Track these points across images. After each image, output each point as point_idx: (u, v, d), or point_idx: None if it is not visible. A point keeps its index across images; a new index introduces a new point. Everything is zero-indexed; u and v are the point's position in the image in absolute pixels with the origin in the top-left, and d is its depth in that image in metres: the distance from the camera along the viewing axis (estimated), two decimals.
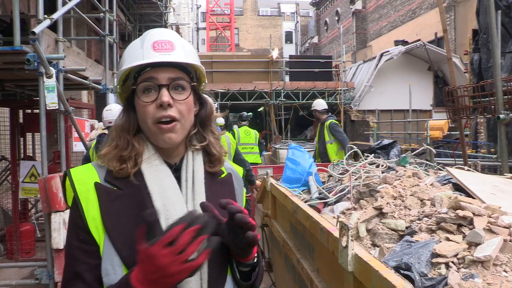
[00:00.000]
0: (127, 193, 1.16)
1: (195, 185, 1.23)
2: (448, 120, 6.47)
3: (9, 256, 5.57)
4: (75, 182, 1.16)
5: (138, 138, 1.23)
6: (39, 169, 4.86)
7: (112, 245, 1.09)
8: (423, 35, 21.22)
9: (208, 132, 1.32)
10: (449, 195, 2.22)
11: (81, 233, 1.12)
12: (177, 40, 1.24)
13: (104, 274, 1.08)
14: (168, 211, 1.14)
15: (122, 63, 1.25)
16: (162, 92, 1.17)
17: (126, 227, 1.11)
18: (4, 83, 5.69)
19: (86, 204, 1.13)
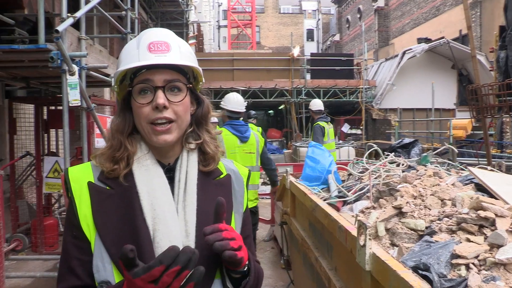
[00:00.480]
0: (118, 193, 1.17)
1: (187, 185, 1.23)
2: (471, 119, 6.34)
3: (33, 249, 5.69)
4: (71, 180, 1.19)
5: (132, 138, 1.24)
6: (62, 165, 4.95)
7: (102, 243, 1.12)
8: (447, 32, 20.85)
9: (203, 131, 1.32)
10: (470, 196, 2.17)
11: (74, 229, 1.15)
12: (173, 41, 1.23)
13: (95, 271, 1.12)
14: (155, 210, 1.15)
15: (119, 63, 1.25)
16: (157, 94, 1.17)
17: (115, 226, 1.13)
18: (29, 81, 5.81)
19: (79, 202, 1.16)
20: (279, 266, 5.24)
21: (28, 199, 6.36)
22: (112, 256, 1.11)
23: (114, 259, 1.10)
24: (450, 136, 10.84)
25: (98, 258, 1.11)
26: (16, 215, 5.83)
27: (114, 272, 1.11)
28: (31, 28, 7.19)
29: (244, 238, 1.31)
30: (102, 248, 1.11)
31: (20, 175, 6.23)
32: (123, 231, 1.12)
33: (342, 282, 2.25)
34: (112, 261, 1.11)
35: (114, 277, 1.11)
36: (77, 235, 1.14)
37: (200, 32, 24.56)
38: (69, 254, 1.14)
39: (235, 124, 4.58)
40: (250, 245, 1.36)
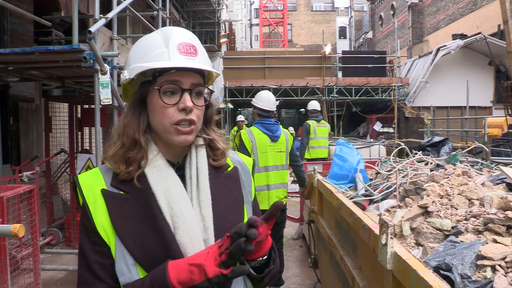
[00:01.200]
0: (133, 196, 1.18)
1: (199, 181, 1.24)
2: (507, 117, 6.13)
3: (67, 244, 5.87)
4: (83, 188, 1.20)
5: (144, 138, 1.24)
6: (94, 162, 5.08)
7: (124, 247, 1.13)
8: (484, 28, 20.21)
9: (210, 130, 1.34)
10: (500, 195, 2.11)
11: (92, 235, 1.16)
12: (198, 44, 1.26)
13: (120, 274, 1.12)
14: (172, 209, 1.16)
15: (139, 57, 1.23)
16: (185, 97, 1.19)
17: (136, 228, 1.15)
18: (64, 80, 5.99)
19: (94, 209, 1.17)
20: (307, 264, 5.23)
21: (63, 195, 6.56)
22: (137, 258, 1.12)
23: (140, 261, 1.12)
24: (485, 135, 10.51)
25: (122, 262, 1.13)
26: (51, 210, 6.02)
27: (140, 273, 1.12)
28: (67, 29, 7.44)
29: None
30: (125, 251, 1.13)
31: (55, 171, 6.43)
32: (145, 232, 1.14)
33: (365, 281, 2.23)
34: (137, 262, 1.12)
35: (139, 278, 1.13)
36: (95, 240, 1.15)
37: (231, 30, 24.69)
38: (89, 259, 1.14)
39: (266, 123, 4.61)
40: None
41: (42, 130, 6.67)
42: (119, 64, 4.80)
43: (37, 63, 4.71)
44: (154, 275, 1.07)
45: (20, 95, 6.97)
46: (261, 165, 4.52)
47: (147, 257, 1.12)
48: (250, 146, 4.47)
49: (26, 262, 4.08)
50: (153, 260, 1.11)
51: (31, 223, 4.00)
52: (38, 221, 4.10)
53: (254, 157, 4.47)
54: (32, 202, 4.01)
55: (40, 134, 7.22)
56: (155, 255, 1.11)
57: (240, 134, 4.54)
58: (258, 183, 4.49)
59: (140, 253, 1.12)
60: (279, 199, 4.53)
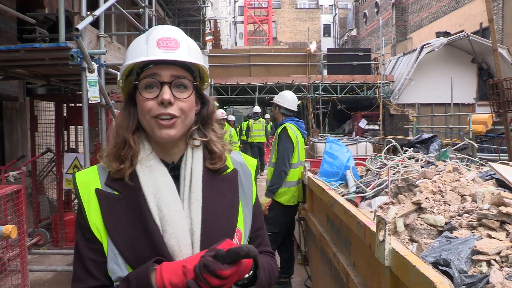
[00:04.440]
0: (125, 196, 1.18)
1: (192, 183, 1.23)
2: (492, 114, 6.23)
3: (54, 244, 5.79)
4: (79, 186, 1.21)
5: (136, 137, 1.23)
6: (81, 161, 5.02)
7: (115, 247, 1.13)
8: (467, 26, 20.50)
9: (209, 131, 1.32)
10: (491, 191, 2.14)
11: (86, 232, 1.17)
12: (182, 38, 1.24)
13: (112, 273, 1.13)
14: (161, 211, 1.16)
15: (126, 58, 1.25)
16: (163, 90, 1.17)
17: (126, 229, 1.15)
18: (50, 78, 5.90)
19: (88, 208, 1.17)
20: (297, 261, 5.25)
21: (49, 195, 6.47)
22: (126, 258, 1.13)
23: (129, 261, 1.13)
24: (470, 131, 10.67)
25: (113, 261, 1.13)
26: (38, 211, 5.93)
27: (130, 271, 1.12)
28: (51, 27, 7.32)
29: (256, 230, 1.34)
30: (116, 251, 1.13)
31: (41, 171, 6.33)
32: (135, 234, 1.14)
33: (360, 278, 2.25)
34: (127, 263, 1.13)
35: None
36: (89, 238, 1.16)
37: (216, 28, 24.62)
38: (84, 256, 1.16)
39: (297, 121, 4.87)
40: (262, 237, 1.38)
41: (27, 129, 6.56)
42: (106, 62, 4.74)
43: (22, 61, 4.63)
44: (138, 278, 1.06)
45: (3, 94, 6.85)
46: (301, 160, 4.79)
47: (137, 258, 1.12)
48: (295, 140, 4.67)
49: (13, 263, 4.01)
50: (142, 261, 1.10)
51: (18, 224, 3.93)
52: (25, 222, 4.03)
53: (296, 151, 4.70)
54: (19, 202, 3.94)
55: (25, 133, 7.10)
56: (144, 257, 1.11)
57: (285, 129, 4.67)
58: (294, 178, 4.68)
59: (130, 254, 1.13)
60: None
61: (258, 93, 18.71)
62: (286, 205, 4.62)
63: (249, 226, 1.31)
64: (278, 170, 4.55)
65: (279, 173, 4.54)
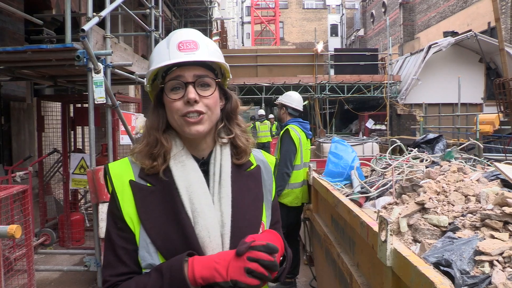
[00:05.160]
0: (158, 189, 1.25)
1: (222, 178, 1.30)
2: (499, 114, 6.18)
3: (61, 244, 5.83)
4: (113, 177, 1.27)
5: (167, 135, 1.31)
6: (88, 161, 5.05)
7: (148, 236, 1.20)
8: (474, 25, 20.35)
9: (234, 125, 1.39)
10: (496, 191, 2.13)
11: (118, 221, 1.23)
12: (201, 39, 1.30)
13: (142, 260, 1.20)
14: (193, 204, 1.23)
15: (150, 63, 1.32)
16: (188, 89, 1.24)
17: (159, 220, 1.21)
18: (56, 79, 5.94)
19: (122, 198, 1.24)
20: (302, 262, 5.24)
21: (56, 195, 6.52)
22: (158, 247, 1.19)
23: (161, 250, 1.19)
24: (477, 131, 10.59)
25: (144, 249, 1.20)
26: (44, 211, 5.98)
27: (161, 260, 1.19)
28: (58, 28, 7.38)
29: (274, 223, 1.43)
30: (148, 240, 1.20)
31: (48, 171, 6.38)
32: (167, 224, 1.21)
33: (364, 278, 2.24)
34: (158, 251, 1.19)
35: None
36: (121, 227, 1.22)
37: (223, 28, 24.64)
38: (115, 243, 1.22)
39: (302, 122, 4.85)
40: (279, 230, 1.46)
41: (35, 130, 6.61)
42: (112, 62, 4.76)
43: (29, 62, 4.67)
44: (172, 270, 1.12)
45: (11, 95, 6.91)
46: (305, 161, 4.76)
47: (168, 248, 1.19)
48: (298, 142, 4.65)
49: (19, 263, 4.05)
50: (173, 250, 1.18)
51: (24, 224, 3.96)
52: (31, 222, 4.06)
53: (299, 153, 4.68)
54: (25, 202, 3.97)
55: (33, 133, 7.16)
56: (175, 247, 1.18)
57: (287, 130, 4.66)
58: (298, 180, 4.66)
59: (162, 243, 1.19)
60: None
61: (265, 93, 18.73)
62: (290, 206, 4.61)
63: (269, 220, 1.41)
64: (280, 173, 4.55)
65: (281, 175, 4.55)
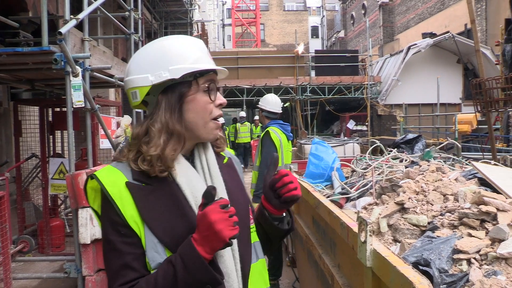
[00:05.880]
0: (158, 188, 1.25)
1: (211, 170, 1.35)
2: (476, 114, 6.28)
3: (40, 250, 5.71)
4: (105, 185, 1.23)
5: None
6: (67, 166, 4.97)
7: (154, 235, 1.19)
8: (452, 27, 20.70)
9: None
10: (473, 190, 2.16)
11: (121, 228, 1.21)
12: None
13: (152, 261, 1.18)
14: (197, 198, 1.25)
15: (181, 60, 1.29)
16: (220, 95, 1.35)
17: (164, 217, 1.22)
18: (34, 83, 5.83)
19: (121, 203, 1.21)
20: (285, 263, 5.24)
21: (35, 201, 6.39)
22: (166, 244, 1.19)
23: (170, 247, 1.19)
24: (456, 131, 10.77)
25: (152, 250, 1.19)
26: (23, 217, 5.85)
27: None
28: (35, 31, 7.24)
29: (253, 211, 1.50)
30: (155, 240, 1.19)
31: (26, 177, 6.26)
32: (173, 220, 1.22)
33: (345, 279, 2.25)
34: (167, 248, 1.19)
35: None
36: (126, 233, 1.20)
37: (204, 31, 24.55)
38: (121, 251, 1.19)
39: (281, 124, 4.85)
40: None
41: (12, 135, 6.47)
42: (91, 65, 4.70)
43: (5, 65, 4.57)
44: (183, 252, 1.14)
45: None
46: (286, 163, 4.74)
47: (177, 243, 1.18)
48: (279, 144, 4.64)
49: None
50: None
51: (1, 231, 3.88)
52: (8, 229, 3.98)
53: (280, 155, 4.66)
54: (2, 209, 3.88)
55: (10, 138, 7.01)
56: (184, 241, 1.18)
57: (267, 133, 4.65)
58: None
59: (170, 240, 1.19)
60: None
61: (246, 95, 18.73)
62: None
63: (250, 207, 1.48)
64: (262, 175, 4.55)
65: (263, 177, 4.55)
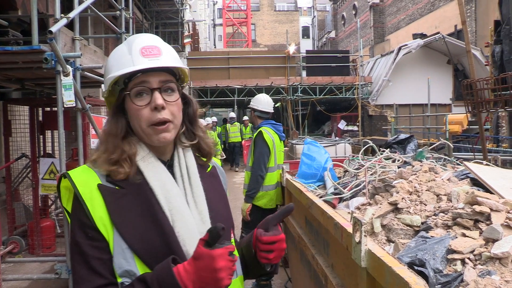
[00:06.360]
0: (130, 191, 1.21)
1: (191, 179, 1.31)
2: (467, 114, 6.34)
3: (30, 251, 5.65)
4: (77, 184, 1.20)
5: (129, 140, 1.27)
6: (58, 166, 4.92)
7: (123, 240, 1.14)
8: (442, 28, 20.85)
9: (197, 128, 1.40)
10: (466, 190, 2.17)
11: (89, 231, 1.16)
12: (163, 45, 1.30)
13: (118, 268, 1.14)
14: (170, 203, 1.21)
15: (110, 69, 1.29)
16: (155, 95, 1.23)
17: (135, 222, 1.17)
18: (24, 82, 5.77)
19: (91, 205, 1.17)
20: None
21: (25, 201, 6.33)
22: (136, 251, 1.14)
23: (139, 254, 1.14)
24: (446, 131, 10.85)
25: (120, 256, 1.14)
26: (13, 218, 5.79)
27: (138, 266, 1.14)
28: (25, 29, 7.17)
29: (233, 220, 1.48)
30: (124, 245, 1.14)
31: (16, 177, 6.19)
32: (144, 226, 1.18)
33: (339, 279, 2.25)
34: (136, 255, 1.14)
35: (138, 270, 1.14)
36: (93, 236, 1.15)
37: (195, 31, 24.52)
38: (87, 255, 1.14)
39: (273, 124, 4.84)
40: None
41: (1, 134, 6.40)
42: (82, 65, 4.66)
43: None
44: (160, 278, 1.08)
45: None
46: (278, 163, 4.74)
47: (147, 249, 1.15)
48: (271, 144, 4.63)
49: None
50: (152, 252, 1.14)
51: None
52: None
53: (273, 155, 4.66)
54: None
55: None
56: (154, 248, 1.15)
57: (260, 133, 4.63)
58: (272, 182, 4.65)
59: (140, 246, 1.15)
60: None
61: (237, 95, 18.72)
62: (264, 208, 4.62)
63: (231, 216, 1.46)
64: (254, 175, 4.55)
65: (255, 178, 4.55)
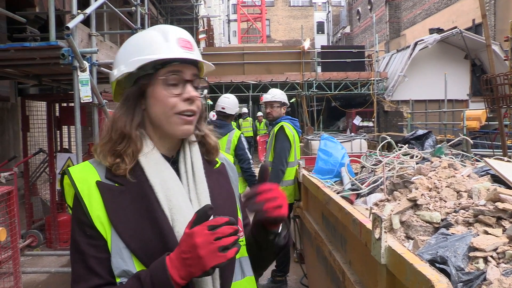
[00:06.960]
0: (129, 188, 1.17)
1: (196, 175, 1.26)
2: (486, 110, 6.23)
3: (48, 245, 5.72)
4: (76, 181, 1.17)
5: (138, 132, 1.23)
6: (74, 161, 4.97)
7: (121, 239, 1.12)
8: (459, 22, 20.54)
9: (202, 125, 1.36)
10: (487, 187, 2.13)
11: (87, 229, 1.13)
12: (193, 40, 1.29)
13: (115, 267, 1.11)
14: (171, 201, 1.17)
15: (139, 51, 1.21)
16: (188, 88, 1.22)
17: (132, 220, 1.14)
18: (41, 78, 5.84)
19: (89, 202, 1.14)
20: (293, 260, 5.23)
21: (42, 196, 6.41)
22: (133, 250, 1.11)
23: (136, 254, 1.11)
24: (464, 127, 10.69)
25: (117, 255, 1.11)
26: (31, 212, 5.87)
27: (136, 265, 1.11)
28: (42, 26, 7.25)
29: (245, 218, 1.44)
30: (121, 244, 1.11)
31: (33, 172, 6.27)
32: (142, 224, 1.13)
33: (356, 276, 2.22)
34: (133, 255, 1.11)
35: (136, 270, 1.11)
36: (91, 234, 1.13)
37: (210, 26, 24.51)
38: (85, 253, 1.12)
39: (292, 119, 4.84)
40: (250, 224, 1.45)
41: (19, 130, 6.48)
42: (98, 61, 4.69)
43: (13, 60, 4.56)
44: (154, 273, 1.05)
45: None
46: (298, 158, 4.73)
47: (144, 249, 1.11)
48: (292, 139, 4.63)
49: (5, 265, 3.96)
50: (150, 252, 1.11)
51: (10, 226, 3.88)
52: (17, 223, 3.98)
53: (293, 150, 4.66)
54: (11, 204, 3.89)
55: (17, 133, 7.03)
56: (152, 247, 1.11)
57: (282, 127, 4.63)
58: (291, 177, 4.64)
59: (137, 245, 1.11)
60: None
61: (252, 91, 18.70)
62: None
63: (241, 216, 1.39)
64: (275, 169, 4.52)
65: (276, 172, 4.52)
